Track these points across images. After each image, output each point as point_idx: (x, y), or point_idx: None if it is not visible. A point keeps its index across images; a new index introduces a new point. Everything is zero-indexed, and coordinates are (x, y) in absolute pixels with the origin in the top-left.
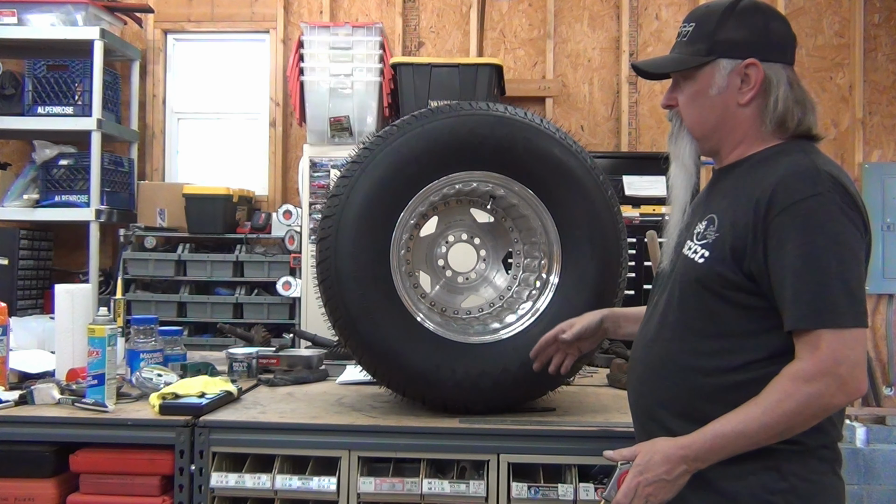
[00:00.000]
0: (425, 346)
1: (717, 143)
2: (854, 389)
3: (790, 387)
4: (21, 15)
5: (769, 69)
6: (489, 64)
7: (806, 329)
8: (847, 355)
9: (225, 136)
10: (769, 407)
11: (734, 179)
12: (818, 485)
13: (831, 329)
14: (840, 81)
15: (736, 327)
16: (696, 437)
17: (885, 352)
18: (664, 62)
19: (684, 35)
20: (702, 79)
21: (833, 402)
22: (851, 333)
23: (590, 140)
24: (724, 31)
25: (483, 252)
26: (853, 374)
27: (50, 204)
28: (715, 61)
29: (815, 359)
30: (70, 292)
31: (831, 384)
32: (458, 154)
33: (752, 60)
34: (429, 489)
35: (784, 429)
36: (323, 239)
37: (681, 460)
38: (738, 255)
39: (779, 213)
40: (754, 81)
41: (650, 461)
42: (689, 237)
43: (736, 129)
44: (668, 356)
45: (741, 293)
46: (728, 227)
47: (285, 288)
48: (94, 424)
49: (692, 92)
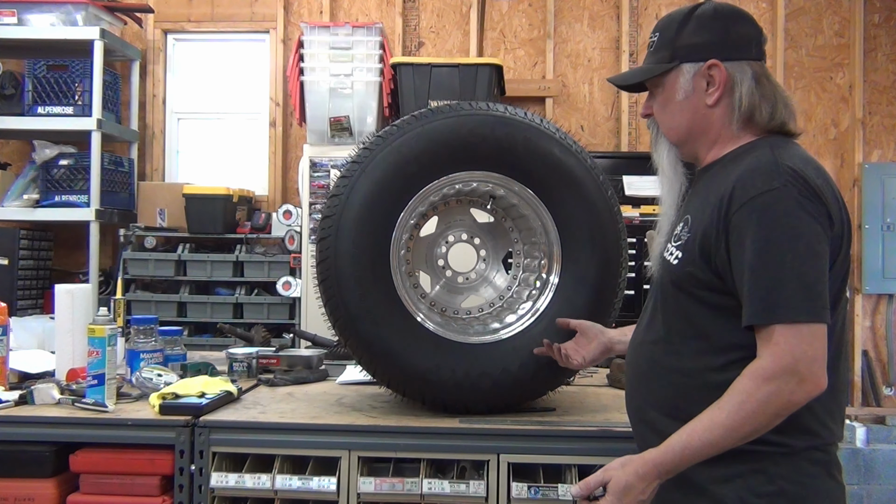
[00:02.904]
0: (425, 346)
1: (694, 146)
2: (813, 386)
3: (750, 386)
4: (21, 15)
5: (732, 67)
6: (489, 64)
7: (761, 325)
8: (804, 351)
9: (225, 136)
10: (732, 409)
11: (708, 179)
12: (809, 488)
13: (786, 324)
14: (840, 81)
15: (712, 328)
16: (665, 450)
17: (885, 352)
18: (632, 74)
19: (651, 45)
20: (668, 85)
21: (793, 399)
22: (808, 328)
23: (590, 140)
24: (685, 37)
25: (483, 252)
26: (811, 370)
27: (50, 204)
28: (678, 67)
29: (772, 356)
30: (70, 292)
31: (790, 381)
32: (458, 154)
33: (713, 61)
34: (429, 489)
35: (749, 430)
36: (323, 239)
37: (654, 477)
38: (706, 253)
39: (738, 209)
40: (718, 82)
41: (627, 485)
42: (670, 239)
43: (708, 131)
44: (653, 358)
45: (713, 293)
46: (698, 227)
47: (285, 288)
48: (94, 424)
49: (662, 99)
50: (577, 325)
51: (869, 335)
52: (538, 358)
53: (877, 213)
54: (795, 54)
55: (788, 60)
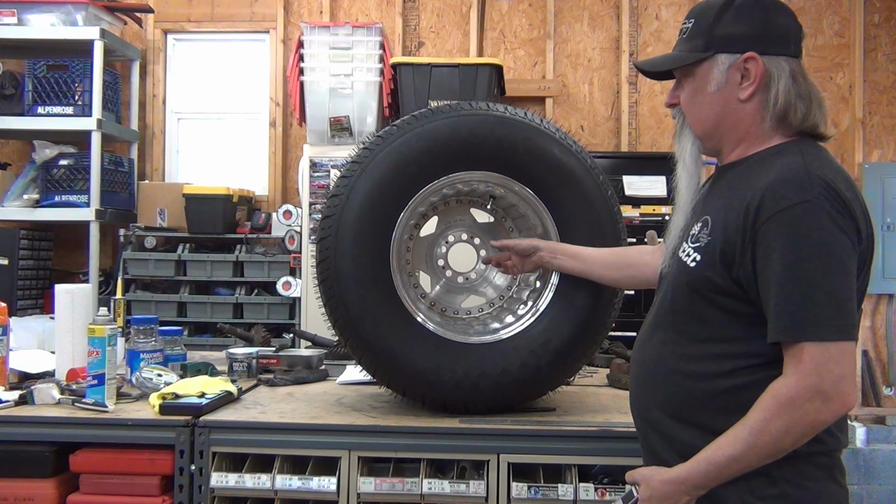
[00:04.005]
0: (425, 346)
1: (719, 141)
2: (840, 405)
3: (774, 406)
4: (21, 15)
5: (770, 62)
6: (489, 64)
7: (789, 342)
8: (831, 370)
9: (225, 136)
10: (756, 428)
11: (731, 179)
12: (812, 492)
13: (814, 342)
14: (840, 81)
15: (725, 333)
16: (690, 468)
17: (885, 352)
18: (663, 60)
19: (684, 32)
20: (700, 75)
21: (819, 418)
22: (836, 347)
23: (590, 140)
24: (722, 26)
25: (483, 252)
26: (838, 389)
27: (50, 204)
28: (713, 57)
29: (798, 374)
30: (70, 292)
31: (815, 401)
32: (458, 154)
33: (750, 54)
34: (429, 489)
35: (775, 449)
36: (323, 239)
37: (682, 493)
38: (728, 261)
39: (766, 220)
40: (754, 76)
41: (656, 491)
42: (685, 238)
43: (737, 127)
44: (660, 358)
45: (730, 299)
46: (719, 231)
47: (285, 288)
48: (94, 424)
49: (691, 89)
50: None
51: (869, 335)
52: (538, 358)
53: (877, 213)
54: None
55: None
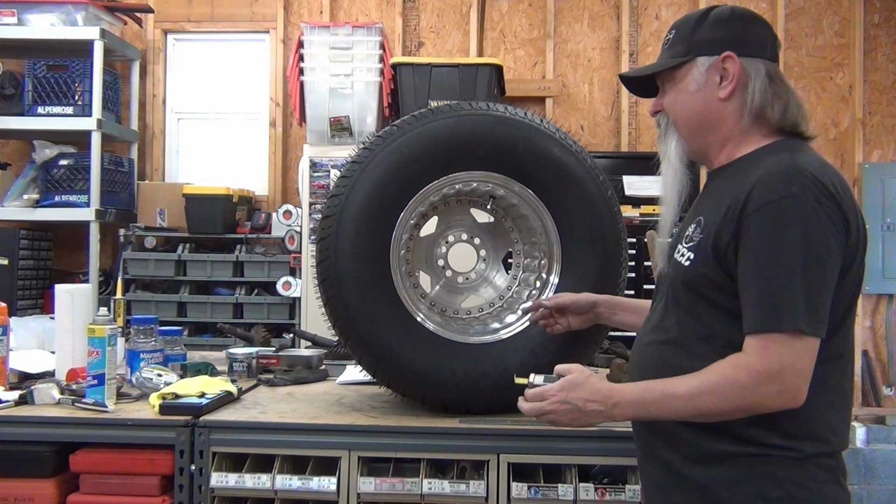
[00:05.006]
0: (425, 346)
1: (704, 142)
2: (791, 398)
3: (731, 377)
4: (21, 15)
5: (747, 63)
6: (489, 64)
7: (761, 331)
8: (794, 363)
9: (225, 136)
10: (706, 388)
11: (723, 180)
12: (817, 494)
13: (784, 333)
14: (840, 81)
15: (722, 330)
16: (627, 385)
17: (885, 352)
18: (645, 67)
19: (666, 43)
20: (681, 78)
21: (766, 404)
22: (802, 341)
23: (590, 140)
24: (701, 33)
25: (483, 252)
26: (795, 384)
27: (50, 204)
28: (692, 60)
29: (761, 358)
30: (70, 292)
31: (771, 387)
32: (458, 154)
33: (728, 54)
34: (429, 489)
35: (711, 410)
36: (323, 239)
37: (604, 398)
38: (719, 254)
39: (752, 211)
40: (732, 74)
41: (580, 383)
42: (680, 240)
43: (720, 126)
44: (663, 358)
45: (725, 295)
46: (711, 227)
47: (285, 288)
48: (94, 424)
49: (674, 92)
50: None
51: (869, 335)
52: (538, 358)
53: (877, 213)
54: (795, 54)
55: (788, 60)
